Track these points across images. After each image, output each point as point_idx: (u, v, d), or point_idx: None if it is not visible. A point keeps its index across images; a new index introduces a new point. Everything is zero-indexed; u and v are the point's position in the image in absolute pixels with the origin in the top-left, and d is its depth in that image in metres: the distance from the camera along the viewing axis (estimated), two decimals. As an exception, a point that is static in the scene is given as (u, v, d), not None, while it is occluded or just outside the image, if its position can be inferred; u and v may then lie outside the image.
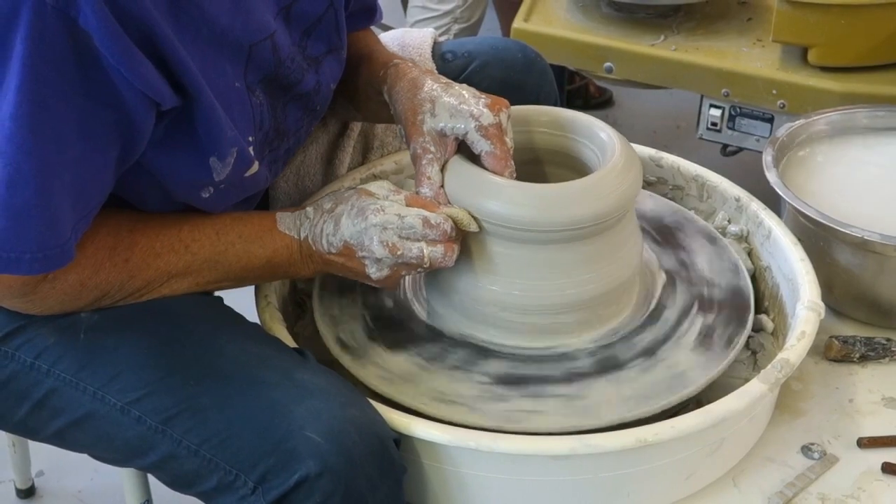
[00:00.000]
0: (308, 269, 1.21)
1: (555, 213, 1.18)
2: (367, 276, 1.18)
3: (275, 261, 1.20)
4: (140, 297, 1.16)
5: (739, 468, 1.22)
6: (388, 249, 1.14)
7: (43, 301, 1.11)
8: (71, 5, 0.96)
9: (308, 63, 1.25)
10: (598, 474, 1.14)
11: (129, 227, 1.14)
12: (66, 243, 1.04)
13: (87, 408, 1.13)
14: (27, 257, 1.03)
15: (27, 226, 1.02)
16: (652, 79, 2.07)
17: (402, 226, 1.14)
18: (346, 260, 1.18)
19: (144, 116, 1.04)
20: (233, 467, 1.08)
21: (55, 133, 1.00)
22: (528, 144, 1.31)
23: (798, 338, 1.23)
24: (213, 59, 1.10)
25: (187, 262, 1.16)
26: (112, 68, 1.00)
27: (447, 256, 1.16)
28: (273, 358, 1.14)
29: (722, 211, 1.49)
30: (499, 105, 1.20)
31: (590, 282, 1.22)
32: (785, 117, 1.90)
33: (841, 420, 1.29)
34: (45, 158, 1.00)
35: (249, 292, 1.31)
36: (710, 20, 2.12)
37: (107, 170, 1.06)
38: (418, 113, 1.21)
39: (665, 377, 1.21)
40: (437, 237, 1.15)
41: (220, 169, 1.13)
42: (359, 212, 1.16)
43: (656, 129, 2.70)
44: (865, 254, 1.38)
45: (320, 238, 1.18)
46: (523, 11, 2.16)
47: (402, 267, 1.17)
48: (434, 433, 1.13)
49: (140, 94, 1.02)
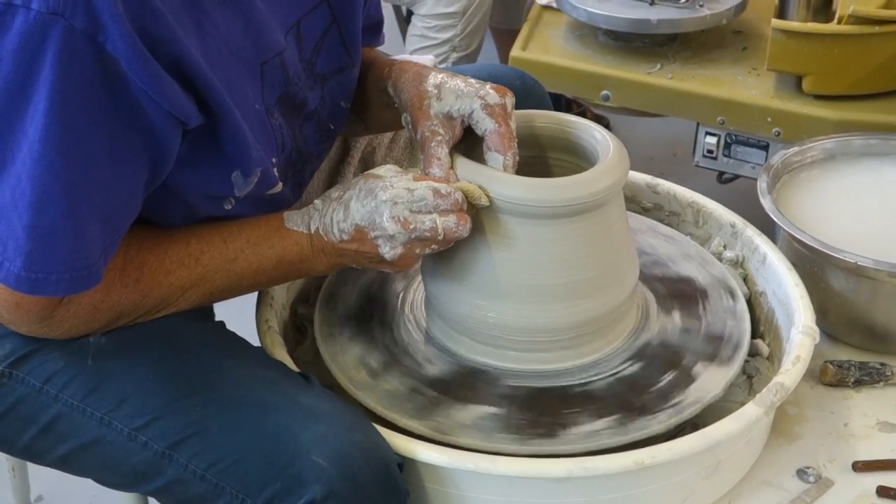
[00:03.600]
0: (322, 263, 1.20)
1: (557, 193, 1.19)
2: (381, 257, 1.16)
3: (286, 259, 1.18)
4: (158, 314, 1.16)
5: (736, 491, 1.23)
6: (401, 224, 1.13)
7: (60, 325, 1.12)
8: (99, 31, 0.97)
9: (314, 80, 1.25)
10: (596, 496, 1.15)
11: (136, 245, 1.13)
12: (93, 265, 1.05)
13: (94, 433, 1.14)
14: (54, 278, 1.04)
15: (55, 247, 1.02)
16: (648, 107, 2.08)
17: (413, 199, 1.13)
18: (359, 244, 1.16)
19: (171, 137, 1.05)
20: (239, 492, 1.09)
21: (84, 155, 1.01)
22: (532, 138, 1.32)
23: (793, 362, 1.24)
24: (234, 79, 1.11)
25: (199, 275, 1.16)
26: (140, 91, 1.01)
27: (460, 226, 1.14)
28: (279, 382, 1.15)
29: (717, 237, 1.50)
30: (504, 90, 1.20)
31: (588, 264, 1.23)
32: (780, 145, 1.91)
33: (836, 444, 1.30)
34: (74, 180, 1.01)
35: (251, 318, 1.32)
36: (705, 49, 2.14)
37: (135, 192, 1.07)
38: (424, 98, 1.21)
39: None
40: (448, 207, 1.14)
41: (241, 185, 1.13)
42: (367, 192, 1.15)
43: (653, 156, 2.71)
44: (859, 279, 1.39)
45: (331, 227, 1.17)
46: (521, 40, 2.17)
47: (415, 243, 1.15)
48: (434, 455, 1.14)
49: (167, 115, 1.03)
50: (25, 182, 1.00)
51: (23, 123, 1.00)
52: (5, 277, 1.04)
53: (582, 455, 1.15)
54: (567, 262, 1.22)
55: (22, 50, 0.97)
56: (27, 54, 0.98)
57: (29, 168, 1.00)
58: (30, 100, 0.99)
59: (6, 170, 1.02)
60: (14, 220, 1.02)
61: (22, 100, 0.99)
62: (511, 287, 1.22)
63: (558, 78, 2.08)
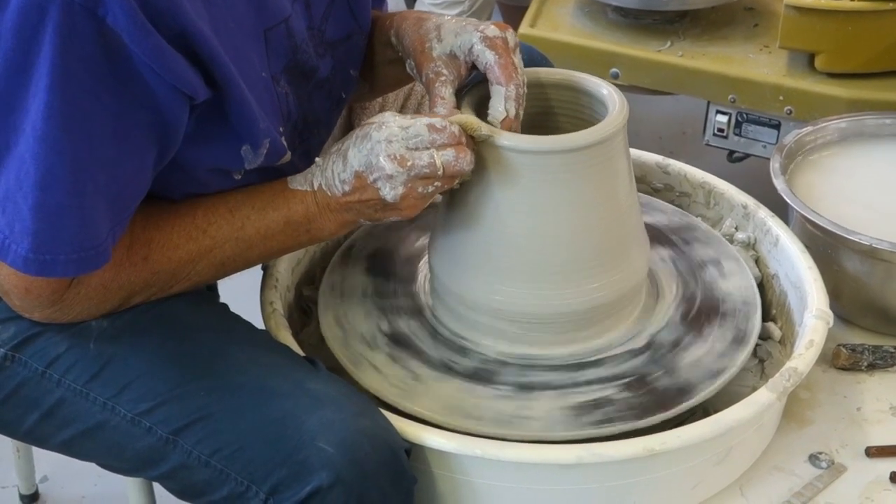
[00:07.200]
0: (330, 223, 1.17)
1: (560, 140, 1.19)
2: (384, 200, 1.13)
3: (293, 219, 1.16)
4: (171, 290, 1.15)
5: (746, 477, 1.22)
6: (398, 162, 1.10)
7: (71, 308, 1.11)
8: (99, 4, 0.96)
9: (324, 48, 1.23)
10: (605, 483, 1.14)
11: (142, 223, 1.12)
12: (101, 244, 1.04)
13: (97, 418, 1.13)
14: (62, 258, 1.02)
15: (62, 227, 1.01)
16: (658, 84, 2.06)
17: (408, 136, 1.11)
18: (361, 193, 1.13)
19: (178, 114, 1.04)
20: (244, 478, 1.08)
21: (87, 133, 1.00)
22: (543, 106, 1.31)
23: (806, 346, 1.23)
24: (240, 49, 1.09)
25: (208, 246, 1.15)
26: (143, 66, 1.00)
27: (460, 158, 1.12)
28: (284, 367, 1.14)
29: (729, 218, 1.49)
30: (504, 25, 1.19)
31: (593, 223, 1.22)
32: (792, 123, 1.90)
33: (849, 429, 1.29)
34: (78, 158, 1.00)
35: (255, 301, 1.31)
36: (716, 26, 2.12)
37: (143, 170, 1.06)
38: (426, 41, 1.20)
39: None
40: (445, 141, 1.11)
41: (251, 158, 1.12)
42: (363, 137, 1.13)
43: (662, 134, 2.69)
44: (874, 262, 1.38)
45: (333, 180, 1.14)
46: (529, 17, 2.15)
47: (416, 181, 1.12)
48: (441, 441, 1.13)
49: (173, 89, 1.02)
50: (30, 162, 0.99)
51: (25, 102, 0.98)
52: (13, 260, 1.03)
53: (590, 440, 1.14)
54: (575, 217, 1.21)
55: (21, 27, 0.96)
56: (26, 31, 0.96)
57: (32, 147, 0.99)
58: (31, 78, 0.97)
59: (10, 152, 1.00)
60: (20, 202, 1.01)
61: (23, 78, 0.98)
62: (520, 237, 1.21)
63: (567, 55, 2.06)
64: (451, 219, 1.24)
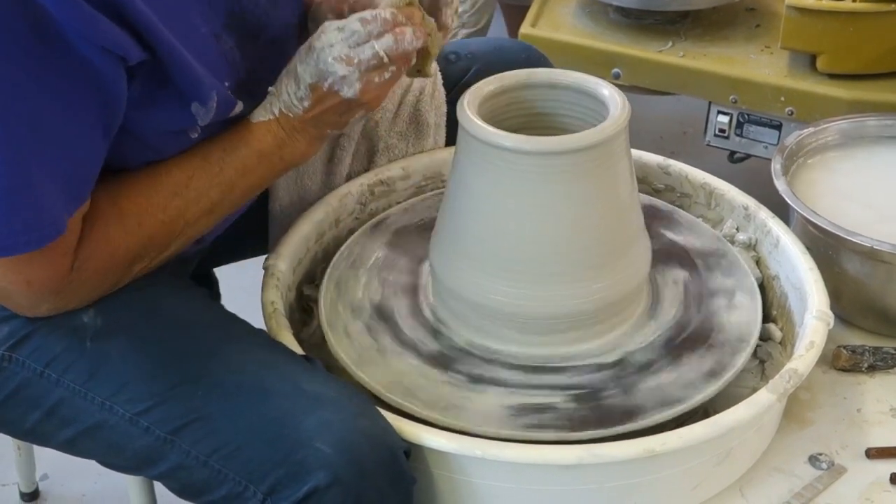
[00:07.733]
0: (300, 143, 1.19)
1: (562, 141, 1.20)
2: (347, 101, 1.15)
3: (265, 150, 1.18)
4: (169, 249, 1.16)
5: (746, 478, 1.22)
6: (345, 62, 1.13)
7: (77, 292, 1.11)
8: None
9: (270, 4, 1.21)
10: (605, 484, 1.14)
11: (125, 194, 1.12)
12: (58, 219, 1.03)
13: (97, 418, 1.13)
14: (23, 240, 1.02)
15: (12, 211, 1.00)
16: (659, 85, 2.06)
17: (346, 36, 1.13)
18: (321, 103, 1.16)
19: (116, 77, 1.03)
20: (242, 478, 1.08)
21: (24, 110, 0.99)
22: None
23: (807, 348, 1.23)
24: (174, 6, 1.07)
25: (193, 198, 1.15)
26: (74, 33, 0.98)
27: (399, 40, 1.13)
28: (282, 367, 1.14)
29: (730, 219, 1.48)
30: None
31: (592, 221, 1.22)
32: (793, 124, 1.90)
33: (849, 430, 1.28)
34: (18, 140, 0.99)
35: (256, 299, 1.31)
36: (717, 27, 2.11)
37: (92, 140, 1.05)
38: None
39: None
40: (380, 28, 1.13)
41: (203, 114, 1.12)
42: (306, 50, 1.15)
43: (663, 134, 2.69)
44: (874, 263, 1.38)
45: (290, 101, 1.16)
46: (531, 17, 2.15)
47: (369, 74, 1.14)
48: (441, 442, 1.13)
49: (105, 53, 1.00)
50: None
51: None
52: None
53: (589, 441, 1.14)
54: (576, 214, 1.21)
55: None
56: None
57: None
58: None
59: None
60: None
61: None
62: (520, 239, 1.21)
63: (568, 55, 2.05)
64: (451, 215, 1.25)
